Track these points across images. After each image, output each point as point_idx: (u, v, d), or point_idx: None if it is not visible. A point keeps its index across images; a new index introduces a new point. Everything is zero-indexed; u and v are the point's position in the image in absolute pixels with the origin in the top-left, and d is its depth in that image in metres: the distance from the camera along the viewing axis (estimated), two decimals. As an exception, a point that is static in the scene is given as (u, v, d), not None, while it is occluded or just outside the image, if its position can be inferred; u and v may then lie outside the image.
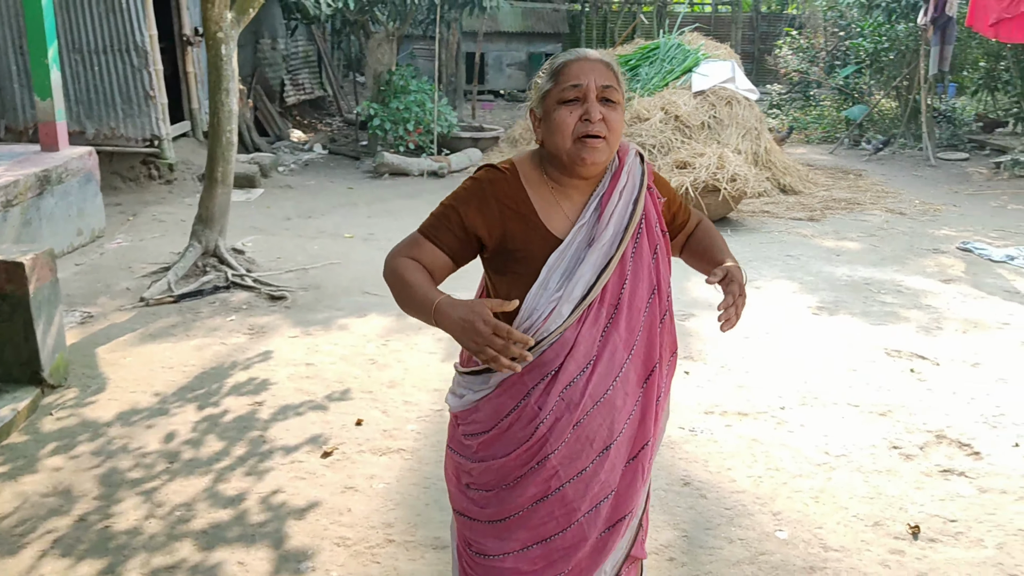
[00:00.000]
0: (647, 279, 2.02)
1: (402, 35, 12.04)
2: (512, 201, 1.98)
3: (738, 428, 4.11)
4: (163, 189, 9.23)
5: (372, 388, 4.49)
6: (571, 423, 1.96)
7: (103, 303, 5.73)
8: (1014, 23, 9.69)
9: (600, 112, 1.91)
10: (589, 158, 1.92)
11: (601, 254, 1.95)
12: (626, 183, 2.02)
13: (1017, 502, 3.49)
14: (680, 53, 11.01)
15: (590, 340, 1.95)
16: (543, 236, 1.97)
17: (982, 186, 10.61)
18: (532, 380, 1.96)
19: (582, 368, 1.96)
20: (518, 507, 2.01)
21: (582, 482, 2.00)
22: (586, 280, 1.93)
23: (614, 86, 1.94)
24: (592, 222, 1.98)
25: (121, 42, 8.85)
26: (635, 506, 2.11)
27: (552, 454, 1.97)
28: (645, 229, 2.03)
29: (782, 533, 3.26)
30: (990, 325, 5.58)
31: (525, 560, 2.03)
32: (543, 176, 2.02)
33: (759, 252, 7.41)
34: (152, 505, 3.37)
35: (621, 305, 1.98)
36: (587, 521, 2.03)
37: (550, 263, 1.94)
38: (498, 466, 2.02)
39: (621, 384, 2.00)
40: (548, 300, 1.93)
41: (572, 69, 1.94)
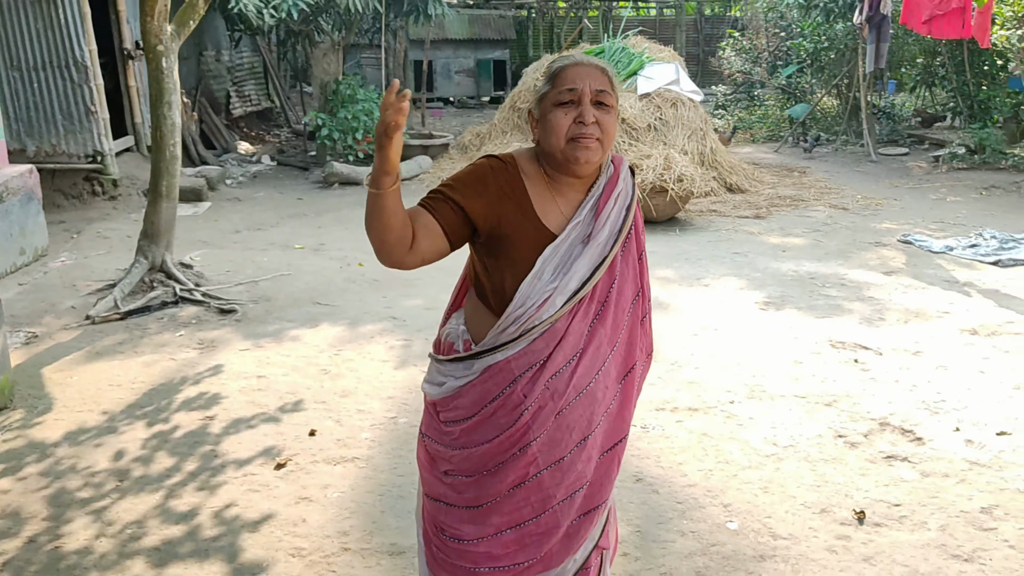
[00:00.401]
0: (633, 281, 2.16)
1: (348, 44, 12.00)
2: (511, 189, 2.06)
3: (689, 423, 4.17)
4: (107, 205, 9.09)
5: (325, 398, 4.48)
6: (554, 412, 2.04)
7: (48, 322, 5.63)
8: (945, 19, 9.99)
9: (594, 115, 2.00)
10: (583, 157, 2.01)
11: (597, 252, 2.05)
12: (621, 189, 2.13)
13: (958, 484, 3.60)
14: (625, 57, 11.13)
15: (579, 333, 2.05)
16: (536, 227, 2.05)
17: (922, 180, 10.89)
18: (520, 367, 2.04)
19: (569, 359, 2.05)
20: (497, 493, 2.07)
21: (559, 470, 2.07)
22: (581, 275, 2.03)
23: (608, 91, 2.04)
24: (588, 221, 2.07)
25: (60, 58, 8.70)
26: (607, 496, 2.19)
27: (534, 441, 2.04)
28: (634, 235, 2.16)
29: (732, 524, 3.32)
30: (931, 314, 5.73)
31: (498, 544, 2.09)
32: (541, 172, 2.11)
33: (707, 251, 7.52)
34: (103, 524, 3.33)
35: (609, 302, 2.09)
36: (561, 509, 2.09)
37: (545, 255, 2.03)
38: (480, 452, 2.07)
39: (603, 378, 2.10)
40: (542, 290, 2.02)
41: (568, 73, 2.03)
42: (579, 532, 2.17)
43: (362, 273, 6.74)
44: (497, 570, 2.11)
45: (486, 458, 2.08)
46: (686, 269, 6.91)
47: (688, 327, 5.51)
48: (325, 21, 11.29)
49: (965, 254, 7.22)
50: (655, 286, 6.34)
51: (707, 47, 22.56)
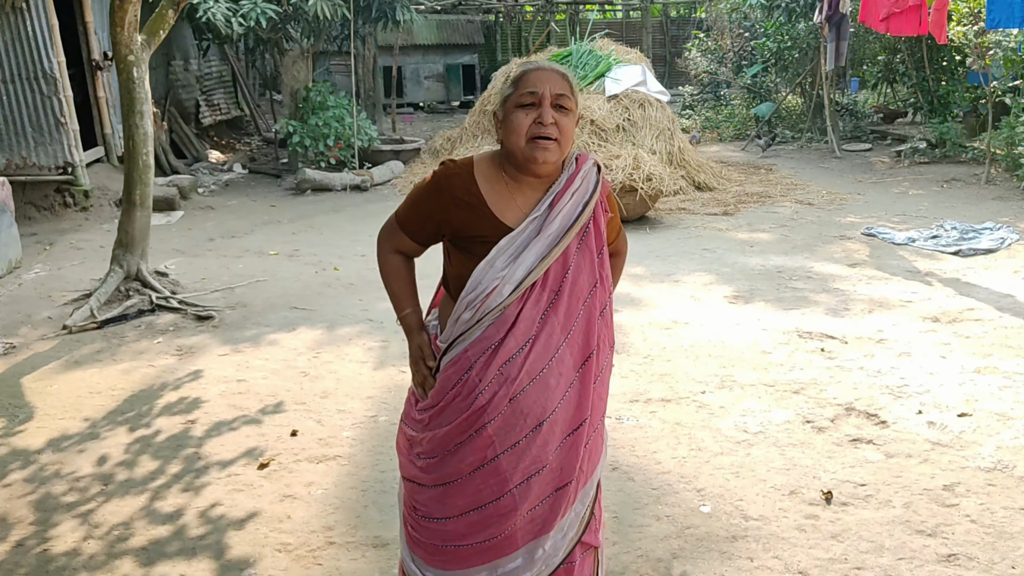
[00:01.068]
0: (589, 272, 2.23)
1: (317, 52, 12.05)
2: (463, 193, 2.19)
3: (662, 414, 4.29)
4: (79, 216, 9.08)
5: (305, 400, 4.55)
6: (507, 397, 2.15)
7: (25, 333, 5.65)
8: (903, 16, 10.22)
9: (552, 117, 2.12)
10: (541, 157, 2.13)
11: (546, 243, 2.15)
12: (579, 186, 2.22)
13: (921, 464, 3.74)
14: (592, 59, 11.27)
15: (530, 320, 2.15)
16: (494, 225, 2.17)
17: (884, 174, 11.12)
18: (475, 354, 2.16)
19: (521, 345, 2.15)
20: (459, 473, 2.20)
21: (515, 454, 2.17)
22: (528, 264, 2.13)
23: (567, 95, 2.16)
24: (544, 215, 2.18)
25: (29, 70, 8.68)
26: (570, 480, 2.26)
27: (489, 424, 2.15)
28: (593, 230, 2.25)
29: (705, 507, 3.43)
30: (894, 304, 5.90)
31: (463, 523, 2.23)
32: (500, 173, 2.22)
33: (677, 247, 7.66)
34: (89, 527, 3.38)
35: (562, 291, 2.18)
36: (519, 493, 2.19)
37: (500, 245, 2.14)
38: (443, 434, 2.21)
39: (556, 365, 2.18)
40: (492, 278, 2.13)
41: (530, 77, 2.16)
42: (545, 518, 2.25)
43: (337, 277, 6.80)
44: (463, 547, 2.25)
45: (447, 439, 2.21)
46: (657, 266, 7.04)
47: (659, 321, 5.64)
48: (294, 29, 11.34)
49: (927, 245, 7.42)
50: (626, 283, 6.47)
51: (673, 48, 22.81)
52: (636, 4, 23.15)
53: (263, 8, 10.26)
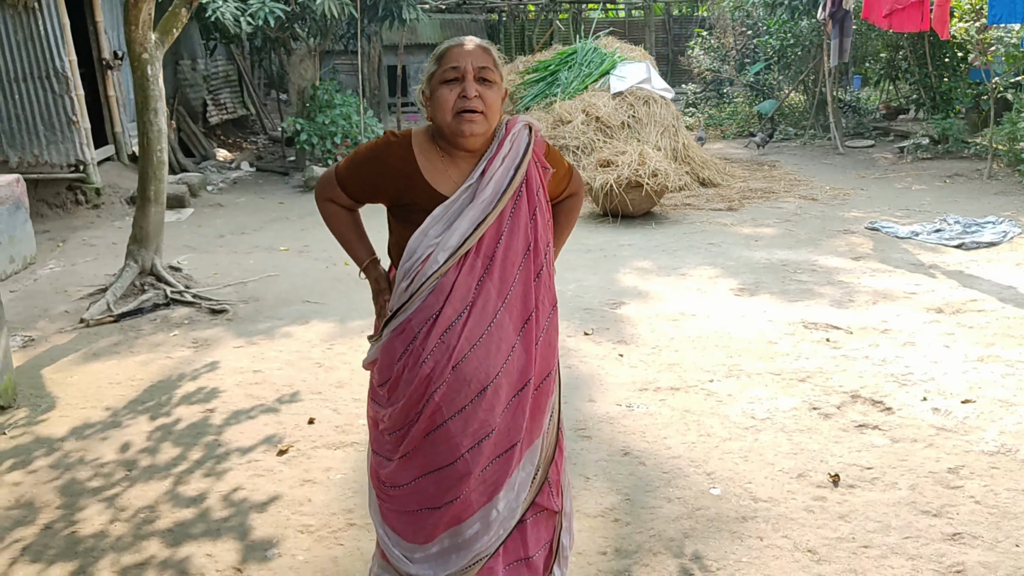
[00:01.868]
0: (522, 237, 2.28)
1: (323, 50, 12.14)
2: (400, 162, 2.27)
3: (671, 402, 4.38)
4: (91, 214, 9.18)
5: (321, 389, 4.64)
6: (450, 364, 2.22)
7: (43, 326, 5.75)
8: (905, 13, 10.29)
9: (476, 90, 2.19)
10: (468, 130, 2.20)
11: (479, 210, 2.21)
12: (509, 150, 2.28)
13: (926, 448, 3.82)
14: (597, 57, 11.37)
15: (466, 287, 2.22)
16: (429, 195, 2.25)
17: (887, 170, 11.20)
18: (418, 324, 2.25)
19: (459, 313, 2.22)
20: (414, 442, 2.29)
21: (462, 419, 2.25)
22: (462, 232, 2.19)
23: (490, 67, 2.22)
24: (476, 183, 2.25)
25: (41, 69, 8.79)
26: (517, 441, 2.33)
27: (435, 392, 2.23)
28: (525, 193, 2.29)
29: (716, 490, 3.52)
30: (898, 295, 5.98)
31: (425, 485, 2.31)
32: (435, 146, 2.30)
33: (683, 242, 7.74)
34: (115, 510, 3.47)
35: (496, 258, 2.24)
36: (471, 456, 2.27)
37: (435, 214, 2.22)
38: (400, 407, 2.28)
39: (496, 330, 2.25)
40: (426, 246, 2.20)
41: (452, 53, 2.22)
42: (495, 478, 2.32)
43: (347, 272, 6.89)
44: (425, 510, 2.33)
45: (404, 412, 2.28)
46: (663, 260, 7.13)
47: (667, 313, 5.72)
48: (301, 28, 11.43)
49: (930, 239, 7.50)
50: (633, 276, 6.57)
51: (676, 47, 22.85)
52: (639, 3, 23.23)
53: (271, 7, 10.35)
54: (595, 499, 3.46)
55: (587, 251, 7.48)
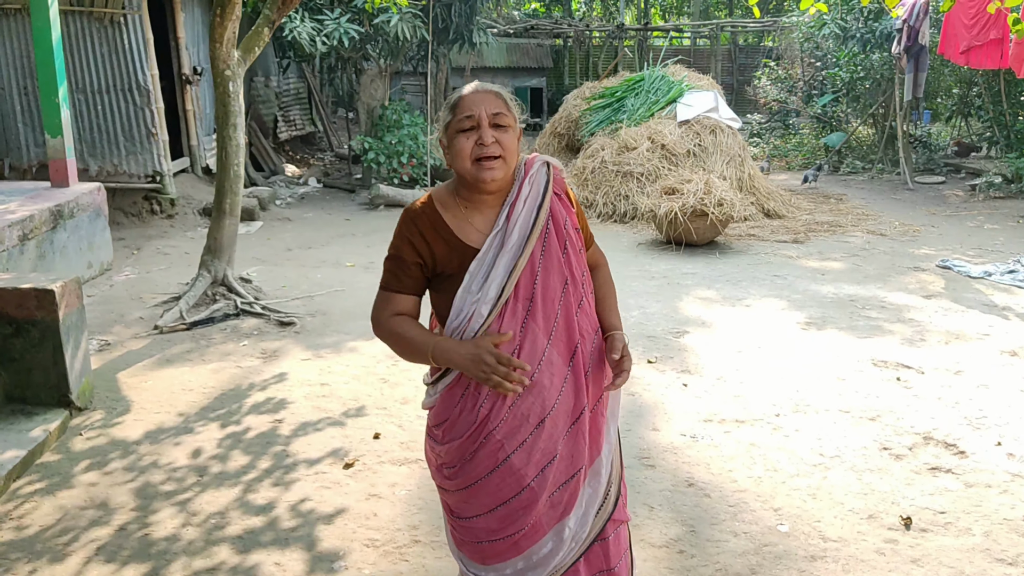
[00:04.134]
0: (558, 272, 2.30)
1: (394, 71, 12.35)
2: (432, 227, 2.29)
3: (736, 434, 4.33)
4: (165, 223, 9.44)
5: (386, 404, 4.70)
6: (506, 405, 2.26)
7: (118, 331, 5.91)
8: (983, 50, 10.11)
9: (492, 136, 2.22)
10: (487, 176, 2.23)
11: (510, 256, 2.24)
12: (529, 191, 2.32)
13: (1001, 495, 3.72)
14: (664, 84, 11.37)
15: (511, 332, 2.25)
16: (462, 251, 2.28)
17: (959, 207, 10.97)
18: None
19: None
20: (477, 476, 2.32)
21: (524, 452, 2.29)
22: (498, 282, 2.23)
23: (503, 112, 2.25)
24: (502, 230, 2.28)
25: (124, 82, 9.11)
26: (581, 465, 2.37)
27: (495, 430, 2.27)
28: (553, 229, 2.32)
29: (783, 527, 3.47)
30: (971, 336, 5.85)
31: (493, 520, 2.35)
32: (456, 199, 2.33)
33: (748, 273, 7.68)
34: (187, 514, 3.55)
35: (535, 298, 2.27)
36: (537, 484, 2.31)
37: (471, 269, 2.25)
38: (457, 445, 2.32)
39: (546, 366, 2.28)
40: (470, 303, 2.24)
41: (465, 102, 2.25)
42: (563, 500, 2.36)
43: (413, 290, 6.97)
44: (496, 541, 2.36)
45: (462, 449, 2.31)
46: (727, 290, 7.07)
47: (732, 344, 5.67)
48: (373, 49, 11.66)
49: (1004, 279, 7.32)
50: (697, 306, 6.53)
51: (741, 76, 22.76)
52: (705, 32, 23.22)
53: (346, 28, 10.58)
54: (660, 529, 3.44)
55: (650, 278, 7.46)
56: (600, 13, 27.89)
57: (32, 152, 9.20)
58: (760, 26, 21.08)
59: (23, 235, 6.13)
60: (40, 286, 4.32)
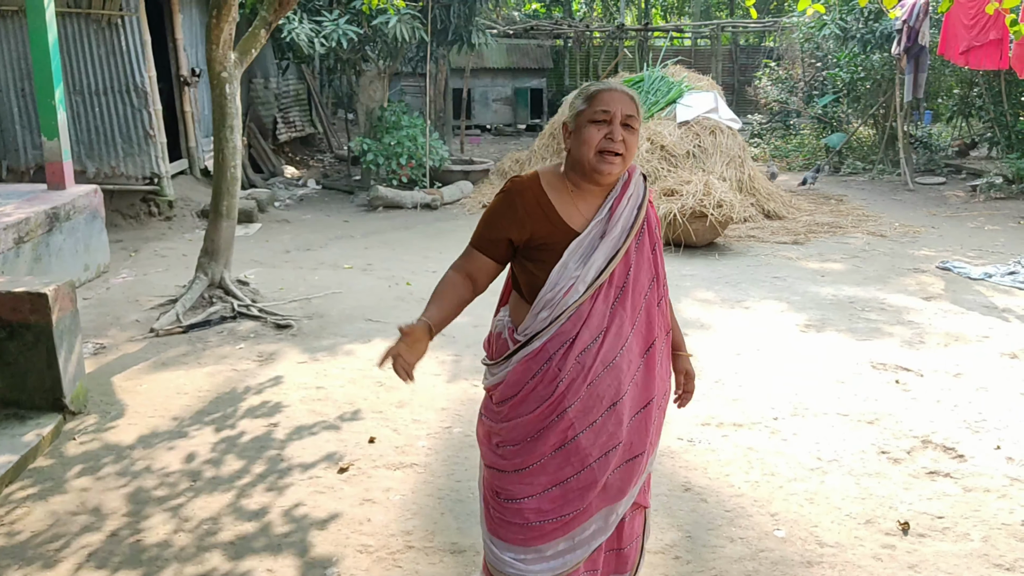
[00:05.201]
0: (647, 269, 2.47)
1: (392, 72, 12.33)
2: (535, 204, 2.41)
3: (734, 438, 4.31)
4: (163, 225, 9.42)
5: (382, 408, 4.67)
6: (585, 382, 2.37)
7: (114, 334, 5.89)
8: (983, 50, 10.08)
9: (621, 134, 2.35)
10: (607, 169, 2.37)
11: (611, 245, 2.38)
12: (633, 192, 2.48)
13: (1000, 499, 3.70)
14: (664, 85, 11.34)
15: (600, 314, 2.39)
16: (564, 230, 2.39)
17: (959, 208, 10.94)
18: (553, 347, 2.38)
19: (595, 337, 2.38)
20: (540, 455, 2.42)
21: (593, 432, 2.40)
22: (598, 265, 2.36)
23: (635, 115, 2.39)
24: (605, 219, 2.41)
25: (121, 83, 9.08)
26: (642, 452, 2.49)
27: (569, 408, 2.38)
28: (647, 231, 2.48)
29: (780, 532, 3.44)
30: (971, 339, 5.81)
31: (546, 500, 2.44)
32: (565, 182, 2.45)
33: (747, 274, 7.65)
34: (179, 520, 3.53)
35: (627, 288, 2.42)
36: (598, 467, 2.42)
37: (571, 248, 2.37)
38: (524, 422, 2.42)
39: (627, 352, 2.42)
40: (568, 278, 2.36)
41: (604, 97, 2.38)
42: (617, 485, 2.47)
43: (410, 292, 6.95)
44: (546, 522, 2.44)
45: (529, 426, 2.42)
46: (727, 292, 7.04)
47: (731, 347, 5.64)
48: (372, 50, 11.63)
49: (1004, 281, 7.29)
50: (696, 307, 6.50)
51: (742, 76, 22.73)
52: (705, 32, 23.17)
53: (344, 30, 10.56)
54: (656, 534, 3.41)
55: (649, 280, 7.42)
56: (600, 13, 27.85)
57: (29, 154, 9.18)
58: (761, 26, 21.04)
59: (19, 238, 6.11)
60: (33, 290, 4.30)
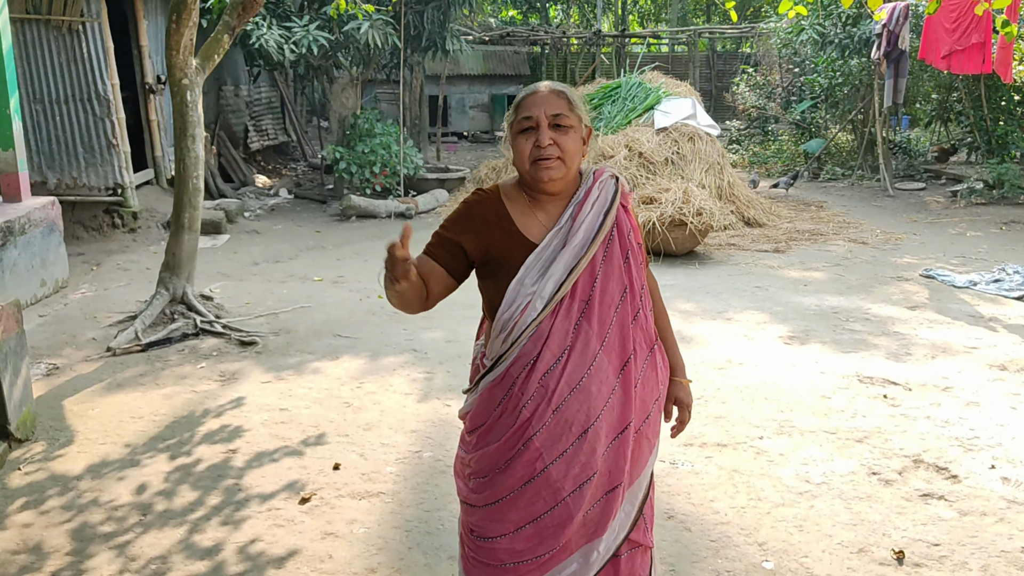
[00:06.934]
0: (618, 280, 2.26)
1: (366, 79, 12.09)
2: (494, 216, 2.27)
3: (718, 459, 4.10)
4: (127, 237, 9.12)
5: (348, 431, 4.43)
6: (550, 407, 2.18)
7: (68, 354, 5.62)
8: (966, 54, 9.99)
9: (550, 137, 2.18)
10: (545, 176, 2.21)
11: (572, 255, 2.20)
12: (598, 196, 2.28)
13: (998, 524, 3.51)
14: (642, 91, 11.19)
15: (563, 332, 2.19)
16: (521, 242, 2.24)
17: (940, 214, 10.84)
18: (516, 371, 2.21)
19: (557, 357, 2.19)
20: (509, 489, 2.22)
21: (564, 463, 2.20)
22: (556, 278, 2.18)
23: (564, 113, 2.21)
24: (566, 229, 2.24)
25: (83, 91, 8.79)
26: (619, 483, 2.25)
27: (534, 436, 2.19)
28: (617, 237, 2.28)
29: (768, 563, 3.24)
30: (958, 350, 5.65)
31: (519, 539, 2.23)
32: (522, 193, 2.31)
33: (728, 284, 7.47)
34: (126, 559, 3.28)
35: (592, 301, 2.21)
36: (572, 501, 2.21)
37: (528, 263, 2.20)
38: (490, 452, 2.24)
39: (595, 372, 2.21)
40: (524, 295, 2.19)
41: (526, 102, 2.24)
42: (597, 520, 2.26)
43: (382, 305, 6.71)
44: (521, 564, 2.23)
45: (496, 457, 2.23)
46: (707, 303, 6.86)
47: (712, 361, 5.45)
48: (344, 57, 11.40)
49: (989, 289, 7.15)
50: (676, 319, 6.30)
51: (719, 83, 22.68)
52: (682, 39, 23.11)
53: (315, 36, 10.32)
54: (637, 568, 3.19)
55: (628, 291, 7.23)
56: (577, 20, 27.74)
57: (-13, 165, 8.86)
58: (738, 32, 20.99)
59: (-32, 253, 5.83)
60: (-26, 310, 4.03)
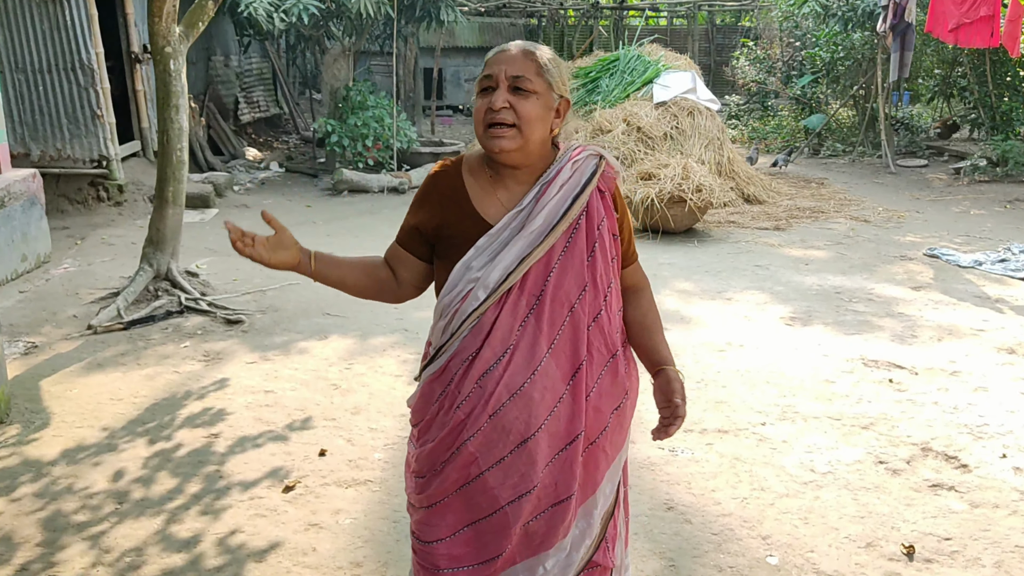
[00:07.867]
0: (576, 275, 1.99)
1: (358, 50, 11.83)
2: (451, 191, 2.05)
3: (719, 447, 3.95)
4: (113, 211, 8.91)
5: (335, 415, 4.27)
6: (486, 411, 1.94)
7: (48, 332, 5.44)
8: (974, 28, 9.76)
9: (506, 100, 1.93)
10: (495, 146, 1.95)
11: (527, 241, 1.95)
12: (569, 178, 2.01)
13: (1010, 516, 3.37)
14: (640, 64, 10.95)
15: (507, 328, 1.95)
16: (475, 221, 2.01)
17: (943, 192, 10.66)
18: (455, 366, 1.99)
19: (499, 356, 1.95)
20: (444, 492, 2.01)
21: (500, 471, 1.97)
22: (505, 266, 1.94)
23: (526, 76, 1.95)
24: (528, 211, 1.99)
25: (67, 61, 8.53)
26: (569, 495, 2.02)
27: (469, 440, 1.96)
28: (584, 226, 2.01)
29: (773, 558, 3.09)
30: (965, 332, 5.50)
31: (458, 543, 2.02)
32: (484, 167, 2.07)
33: (728, 263, 7.30)
34: (100, 551, 3.12)
35: (544, 298, 1.96)
36: (511, 510, 1.98)
37: (479, 244, 1.97)
38: (428, 451, 2.03)
39: (540, 378, 1.96)
40: (467, 280, 1.96)
41: (490, 60, 2.00)
42: (543, 533, 2.02)
43: (373, 283, 6.53)
44: (459, 570, 2.03)
45: (432, 457, 2.02)
46: (707, 282, 6.69)
47: (713, 343, 5.29)
48: (336, 26, 11.14)
49: (995, 269, 6.99)
50: (675, 299, 6.15)
51: (719, 56, 22.36)
52: (681, 11, 22.76)
53: (305, 4, 10.05)
54: (636, 563, 3.05)
55: (626, 269, 7.06)
56: (575, -8, 27.31)
57: (-34, 137, 8.64)
58: (738, 5, 20.66)
59: (-56, 227, 5.63)
60: (-58, 288, 3.85)
